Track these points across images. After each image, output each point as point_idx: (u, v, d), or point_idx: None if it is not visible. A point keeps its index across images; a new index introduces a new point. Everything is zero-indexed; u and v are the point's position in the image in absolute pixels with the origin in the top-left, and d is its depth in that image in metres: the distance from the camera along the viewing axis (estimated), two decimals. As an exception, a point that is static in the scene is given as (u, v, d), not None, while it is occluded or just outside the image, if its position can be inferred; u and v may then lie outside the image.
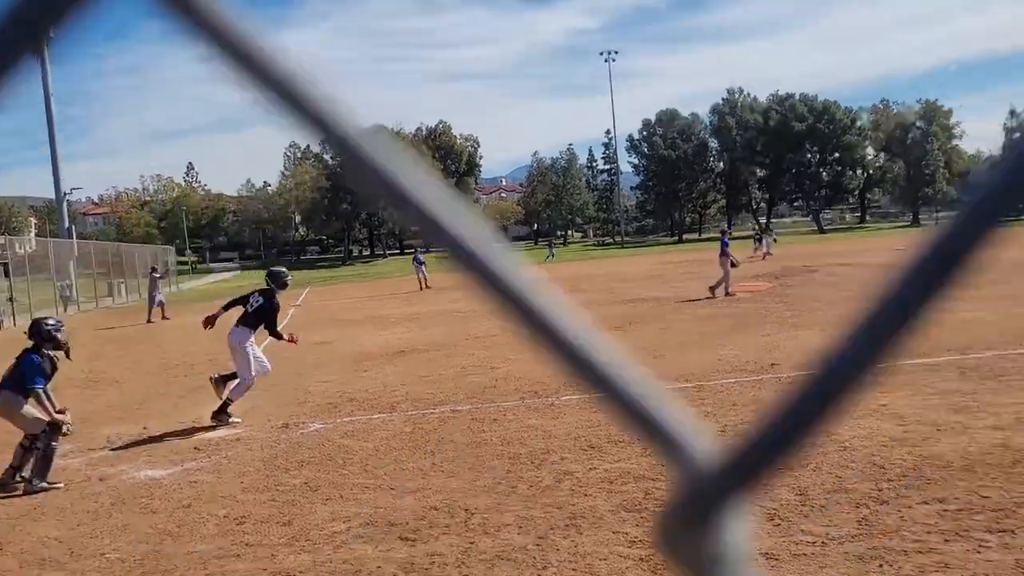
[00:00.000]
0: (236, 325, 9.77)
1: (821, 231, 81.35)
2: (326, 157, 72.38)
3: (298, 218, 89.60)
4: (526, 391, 10.10)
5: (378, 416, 9.48)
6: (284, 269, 10.50)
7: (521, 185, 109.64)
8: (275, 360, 11.01)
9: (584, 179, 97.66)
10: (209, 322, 10.02)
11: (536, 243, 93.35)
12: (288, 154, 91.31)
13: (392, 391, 10.93)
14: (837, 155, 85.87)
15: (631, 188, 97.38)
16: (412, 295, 30.12)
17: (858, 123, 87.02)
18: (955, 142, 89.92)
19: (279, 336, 10.09)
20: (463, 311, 21.56)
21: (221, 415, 9.47)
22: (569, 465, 6.91)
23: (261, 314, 9.78)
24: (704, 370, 10.73)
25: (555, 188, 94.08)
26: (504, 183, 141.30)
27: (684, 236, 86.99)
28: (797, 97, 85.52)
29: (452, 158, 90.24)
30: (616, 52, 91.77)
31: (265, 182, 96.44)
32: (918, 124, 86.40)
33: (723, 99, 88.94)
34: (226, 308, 10.12)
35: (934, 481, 5.81)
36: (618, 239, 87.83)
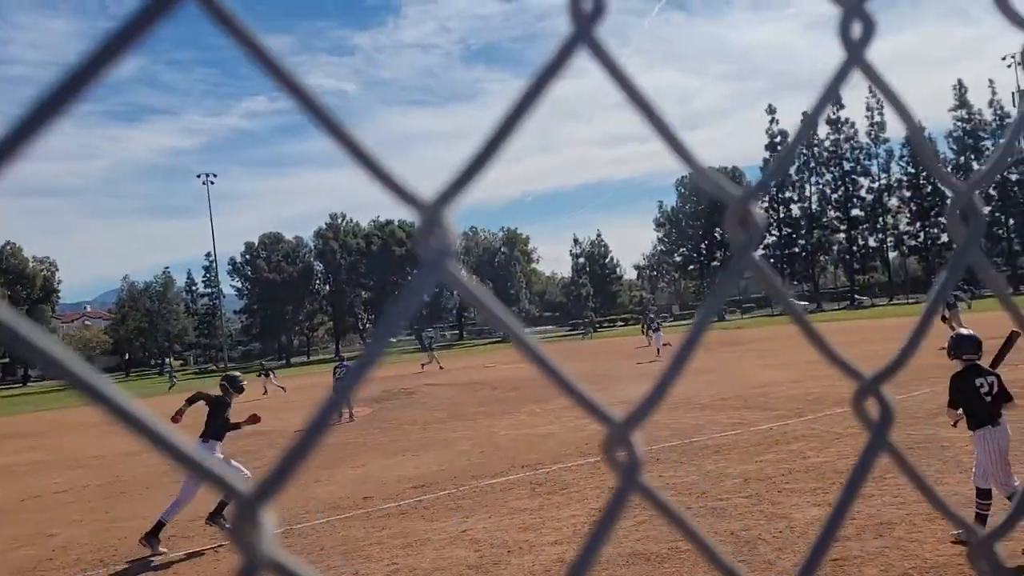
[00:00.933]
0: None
1: (424, 349, 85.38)
2: None
3: None
4: (89, 561, 8.81)
5: None
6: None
7: (109, 311, 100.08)
8: None
9: (183, 304, 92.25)
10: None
11: (128, 375, 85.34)
12: None
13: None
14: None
15: (235, 312, 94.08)
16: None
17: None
18: (533, 265, 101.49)
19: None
20: (25, 462, 18.61)
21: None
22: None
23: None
24: (295, 511, 10.28)
25: (149, 314, 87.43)
26: (89, 309, 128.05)
27: (292, 359, 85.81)
28: (396, 223, 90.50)
29: (23, 283, 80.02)
30: (215, 174, 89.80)
31: None
32: (503, 249, 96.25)
33: (327, 224, 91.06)
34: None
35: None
36: (221, 365, 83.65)
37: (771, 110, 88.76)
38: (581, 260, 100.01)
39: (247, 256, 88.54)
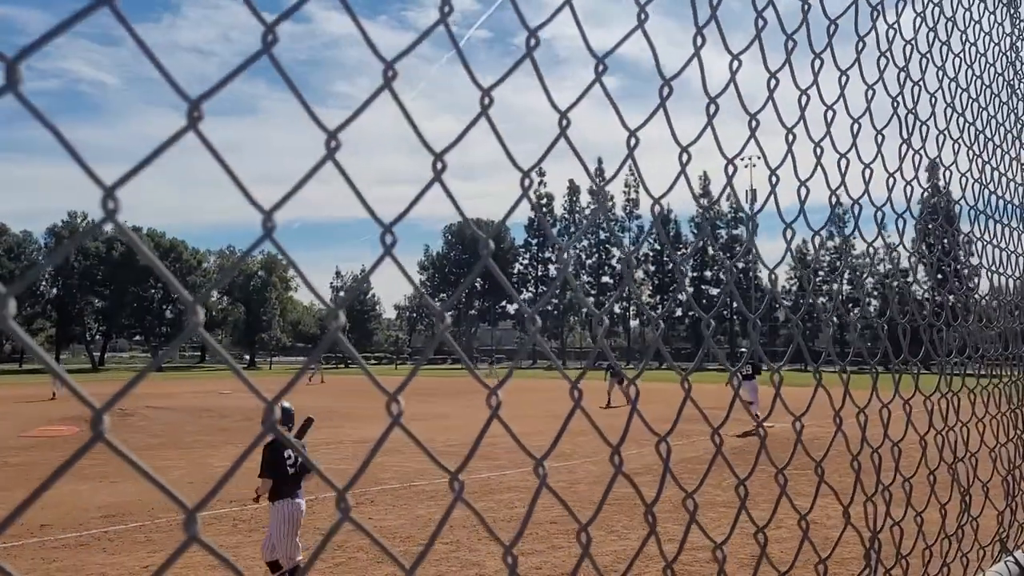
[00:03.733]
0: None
1: (159, 368, 79.65)
2: None
3: None
4: None
5: None
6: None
7: None
8: None
9: None
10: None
11: None
12: None
13: None
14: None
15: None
16: None
17: (204, 264, 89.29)
18: (291, 293, 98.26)
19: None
20: None
21: None
22: None
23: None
24: (-46, 538, 8.92)
25: None
26: None
27: None
28: (145, 231, 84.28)
29: None
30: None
31: None
32: (260, 273, 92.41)
33: (64, 221, 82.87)
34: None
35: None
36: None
37: (541, 172, 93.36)
38: (341, 293, 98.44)
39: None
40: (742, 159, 1.70)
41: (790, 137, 1.71)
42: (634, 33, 1.39)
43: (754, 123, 1.64)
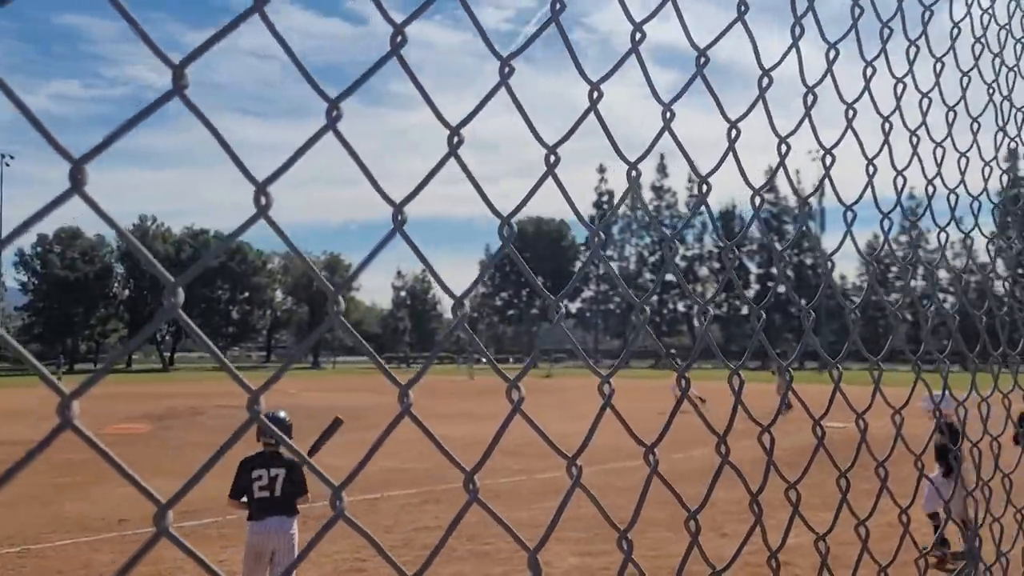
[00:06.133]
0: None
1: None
2: None
3: None
4: None
5: None
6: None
7: None
8: None
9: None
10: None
11: None
12: None
13: None
14: (247, 295, 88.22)
15: (16, 308, 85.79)
16: None
17: (269, 266, 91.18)
18: (353, 293, 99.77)
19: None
20: None
21: None
22: None
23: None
24: (37, 531, 9.31)
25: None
26: None
27: (76, 366, 79.18)
28: (212, 233, 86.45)
29: None
30: (12, 156, 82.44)
31: None
32: (323, 273, 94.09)
33: (135, 225, 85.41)
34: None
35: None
36: (-8, 365, 76.08)
37: (601, 169, 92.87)
38: (403, 293, 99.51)
39: (38, 249, 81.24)
40: (808, 151, 1.66)
41: (887, 126, 1.66)
42: (698, 25, 1.37)
43: (851, 112, 1.60)
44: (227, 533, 9.02)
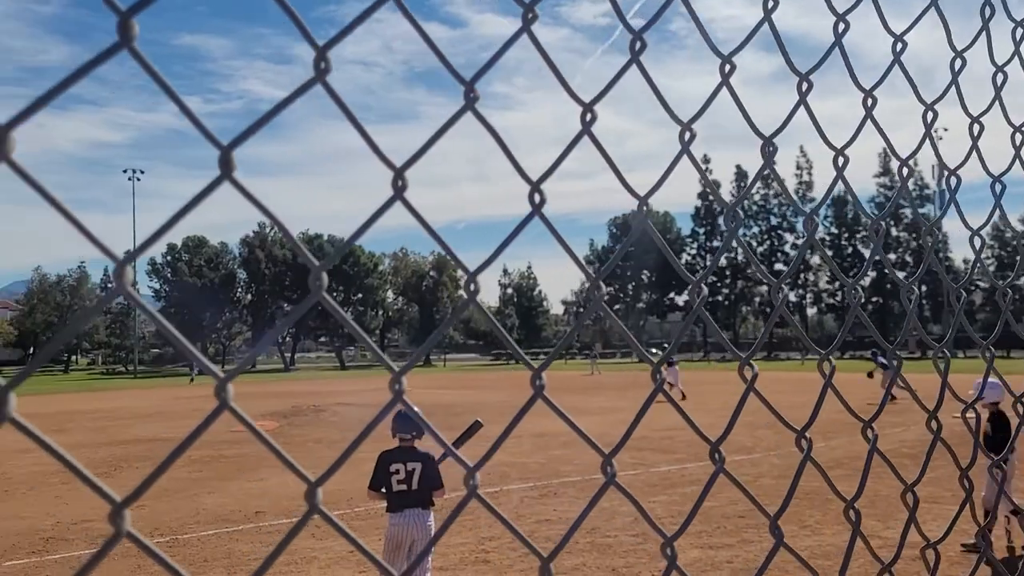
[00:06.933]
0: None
1: (343, 367, 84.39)
2: None
3: None
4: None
5: None
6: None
7: (17, 302, 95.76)
8: None
9: (96, 301, 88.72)
10: None
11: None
12: None
13: None
14: (360, 296, 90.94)
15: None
16: None
17: (380, 267, 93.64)
18: (460, 292, 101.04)
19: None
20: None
21: None
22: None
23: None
24: (182, 522, 9.97)
25: (59, 308, 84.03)
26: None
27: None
28: (325, 238, 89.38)
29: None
30: (142, 171, 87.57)
31: None
32: (431, 273, 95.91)
33: (254, 232, 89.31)
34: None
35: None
36: (131, 367, 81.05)
37: (706, 160, 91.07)
38: (509, 291, 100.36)
39: (168, 258, 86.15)
40: (935, 130, 1.65)
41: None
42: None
43: (1000, 78, 1.59)
44: (356, 525, 9.44)
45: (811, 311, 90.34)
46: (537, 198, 0.99)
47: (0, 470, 14.56)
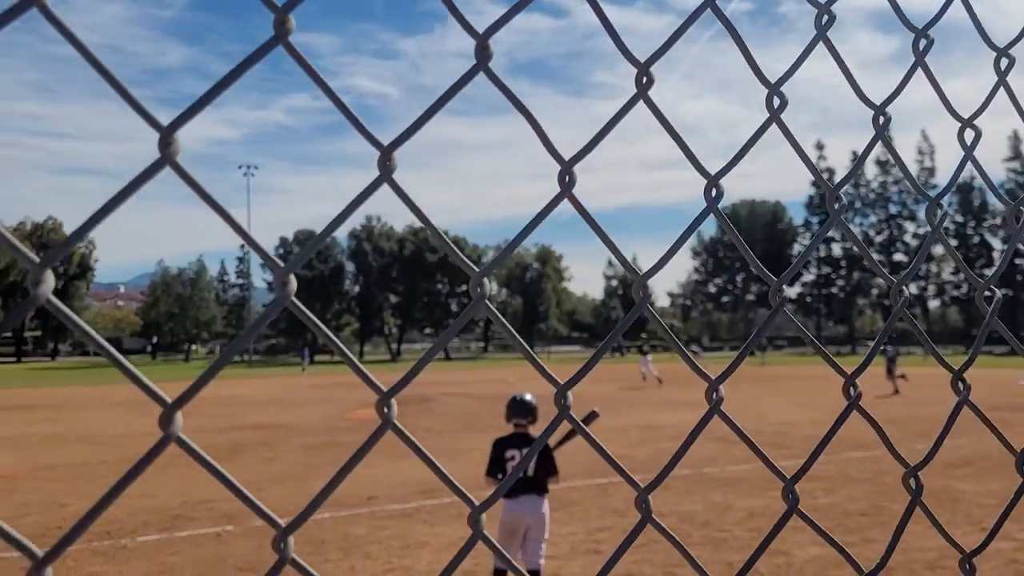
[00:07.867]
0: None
1: (448, 358, 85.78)
2: None
3: None
4: (96, 532, 8.90)
5: None
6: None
7: (142, 293, 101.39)
8: None
9: (214, 292, 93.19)
10: None
11: (155, 357, 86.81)
12: None
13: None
14: (464, 288, 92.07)
15: (263, 305, 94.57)
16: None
17: (483, 259, 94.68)
18: (564, 284, 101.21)
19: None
20: (41, 434, 18.88)
21: None
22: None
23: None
24: (298, 505, 10.29)
25: (180, 299, 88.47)
26: (123, 290, 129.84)
27: (315, 358, 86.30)
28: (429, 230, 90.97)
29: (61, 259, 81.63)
30: (256, 167, 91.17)
31: None
32: (534, 265, 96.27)
33: (361, 225, 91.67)
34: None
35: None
36: (247, 357, 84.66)
37: (819, 146, 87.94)
38: (614, 282, 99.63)
39: (280, 251, 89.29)
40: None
41: None
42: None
43: None
44: (466, 512, 9.54)
45: (933, 303, 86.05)
46: (388, 163, 0.86)
47: (132, 452, 15.39)
